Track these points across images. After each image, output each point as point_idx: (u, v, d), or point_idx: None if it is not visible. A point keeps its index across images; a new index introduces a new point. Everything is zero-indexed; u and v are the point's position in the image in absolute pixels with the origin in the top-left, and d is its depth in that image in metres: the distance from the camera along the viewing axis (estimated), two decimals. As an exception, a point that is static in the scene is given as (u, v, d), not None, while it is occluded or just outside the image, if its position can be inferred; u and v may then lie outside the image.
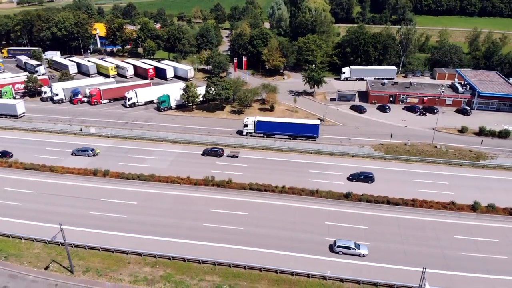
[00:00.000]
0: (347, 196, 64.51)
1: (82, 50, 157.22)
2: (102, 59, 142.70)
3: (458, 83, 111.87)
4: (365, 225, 59.72)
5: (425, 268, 42.51)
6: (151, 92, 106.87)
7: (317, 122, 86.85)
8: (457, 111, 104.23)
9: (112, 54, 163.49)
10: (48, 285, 49.84)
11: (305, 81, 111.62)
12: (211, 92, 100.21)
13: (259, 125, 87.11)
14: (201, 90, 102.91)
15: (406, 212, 62.80)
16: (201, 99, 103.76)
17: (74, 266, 51.74)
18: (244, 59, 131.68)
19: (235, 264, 52.03)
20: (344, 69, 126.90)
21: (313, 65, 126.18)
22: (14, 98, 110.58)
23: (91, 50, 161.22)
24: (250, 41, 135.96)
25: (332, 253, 53.95)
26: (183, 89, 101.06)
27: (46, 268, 52.27)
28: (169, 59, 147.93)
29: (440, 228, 59.63)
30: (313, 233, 57.76)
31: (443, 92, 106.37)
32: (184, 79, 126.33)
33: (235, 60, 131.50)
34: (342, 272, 50.72)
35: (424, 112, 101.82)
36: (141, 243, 56.18)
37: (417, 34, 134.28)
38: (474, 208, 62.43)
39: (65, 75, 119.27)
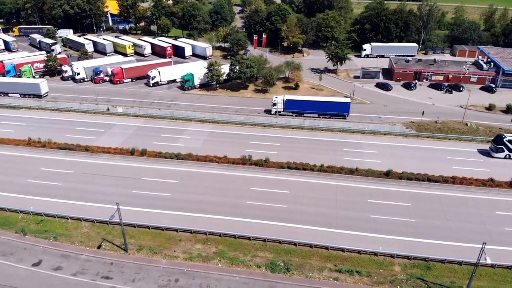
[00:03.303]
0: (388, 174, 64.85)
1: (94, 28, 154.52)
2: (117, 37, 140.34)
3: (481, 60, 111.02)
4: (408, 203, 60.33)
5: (485, 243, 43.03)
6: (174, 70, 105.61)
7: (348, 100, 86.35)
8: (482, 88, 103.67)
9: (124, 32, 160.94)
10: (103, 263, 50.37)
11: (328, 58, 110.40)
12: (235, 70, 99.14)
13: (288, 104, 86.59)
14: (224, 69, 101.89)
15: (446, 189, 63.25)
16: (225, 77, 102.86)
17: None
18: (264, 36, 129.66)
19: (286, 241, 52.63)
20: (364, 46, 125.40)
21: (333, 42, 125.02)
22: (34, 77, 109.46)
23: (104, 28, 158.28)
24: (267, 18, 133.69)
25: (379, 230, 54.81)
26: (207, 68, 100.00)
27: (99, 247, 52.76)
28: (183, 37, 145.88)
29: (481, 204, 60.24)
30: (357, 210, 58.32)
31: (467, 69, 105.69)
32: (203, 57, 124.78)
33: (255, 37, 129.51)
34: (390, 248, 51.77)
35: (450, 89, 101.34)
36: (188, 220, 56.60)
37: (440, 11, 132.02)
38: (513, 184, 63.11)
39: (84, 54, 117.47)
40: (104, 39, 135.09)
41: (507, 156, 72.56)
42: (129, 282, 47.45)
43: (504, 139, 72.13)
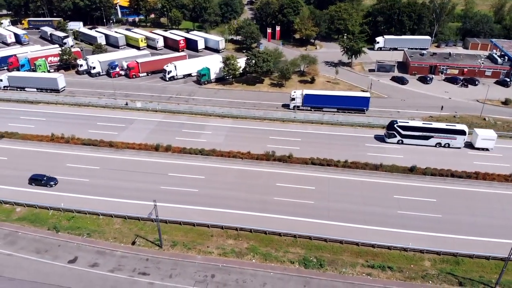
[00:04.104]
0: (412, 170, 65.62)
1: (104, 20, 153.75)
2: (128, 30, 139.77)
3: (495, 54, 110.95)
4: (433, 198, 61.16)
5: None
6: (189, 65, 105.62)
7: (367, 95, 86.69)
8: (496, 82, 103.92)
9: (134, 24, 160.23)
10: (138, 259, 51.25)
11: (343, 51, 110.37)
12: (252, 64, 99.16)
13: (307, 99, 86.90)
14: (240, 63, 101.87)
15: (469, 184, 64.12)
16: (240, 71, 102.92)
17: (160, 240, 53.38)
18: (278, 28, 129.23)
19: (316, 237, 53.56)
20: (377, 39, 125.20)
21: (348, 35, 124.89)
22: (49, 71, 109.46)
23: (114, 21, 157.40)
24: (279, 10, 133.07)
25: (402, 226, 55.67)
26: (224, 62, 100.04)
27: (133, 243, 53.60)
28: (194, 29, 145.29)
29: (505, 199, 61.11)
30: (384, 206, 59.15)
31: (482, 63, 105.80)
32: (215, 50, 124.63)
33: (269, 30, 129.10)
34: (419, 244, 52.69)
35: (465, 83, 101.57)
36: (217, 216, 57.41)
37: (450, 3, 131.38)
38: (535, 180, 63.85)
39: (99, 48, 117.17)
40: (115, 32, 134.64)
41: (400, 141, 75.14)
42: (166, 278, 48.43)
43: (395, 125, 74.65)
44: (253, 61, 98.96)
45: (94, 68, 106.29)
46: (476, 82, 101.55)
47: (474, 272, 49.65)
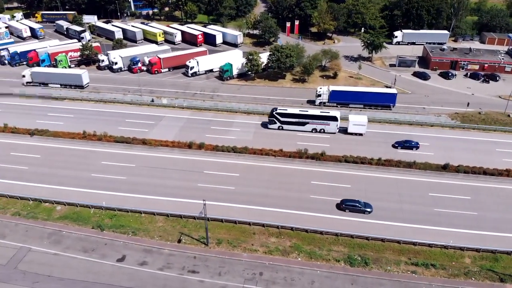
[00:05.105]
0: (445, 168, 66.51)
1: (118, 14, 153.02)
2: (144, 23, 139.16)
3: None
4: (467, 196, 62.11)
5: None
6: (211, 60, 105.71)
7: (394, 91, 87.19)
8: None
9: (148, 17, 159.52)
10: (186, 257, 52.32)
11: (364, 46, 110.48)
12: (274, 60, 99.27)
13: (333, 95, 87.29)
14: (263, 58, 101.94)
15: (501, 182, 65.06)
16: (263, 67, 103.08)
17: (205, 238, 54.38)
18: (296, 23, 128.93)
19: (358, 235, 54.68)
20: (396, 33, 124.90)
21: (363, 28, 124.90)
22: (70, 66, 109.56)
23: (128, 14, 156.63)
24: (297, 4, 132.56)
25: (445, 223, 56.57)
26: (247, 58, 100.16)
27: (179, 241, 54.63)
28: (209, 23, 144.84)
29: (538, 197, 62.39)
30: (421, 204, 60.10)
31: (503, 59, 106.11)
32: (233, 45, 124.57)
33: (287, 25, 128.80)
34: (457, 241, 53.69)
35: (487, 79, 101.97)
36: (255, 213, 58.42)
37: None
38: None
39: (119, 43, 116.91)
40: (132, 26, 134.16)
41: (280, 127, 79.42)
42: (215, 276, 49.55)
43: (274, 112, 79.02)
44: (276, 56, 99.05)
45: (116, 63, 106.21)
46: (497, 78, 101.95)
47: (513, 268, 51.09)
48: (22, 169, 69.07)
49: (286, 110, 79.63)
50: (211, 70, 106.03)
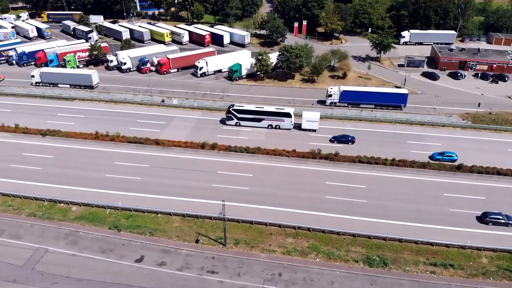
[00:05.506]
0: (459, 168, 66.62)
1: (125, 14, 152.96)
2: (153, 24, 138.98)
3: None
4: (481, 196, 62.20)
5: None
6: (220, 60, 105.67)
7: (405, 91, 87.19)
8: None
9: (154, 17, 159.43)
10: (204, 258, 52.37)
11: (372, 46, 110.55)
12: (284, 60, 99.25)
13: (344, 95, 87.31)
14: (272, 58, 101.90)
15: (515, 182, 65.50)
16: (272, 67, 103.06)
17: (222, 239, 54.41)
18: (304, 23, 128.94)
19: (375, 236, 54.75)
20: (403, 33, 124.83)
21: (370, 28, 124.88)
22: (78, 67, 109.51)
23: (134, 14, 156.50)
24: (303, 4, 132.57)
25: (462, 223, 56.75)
26: (256, 58, 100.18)
27: (197, 241, 54.72)
28: (215, 23, 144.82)
29: (552, 197, 62.49)
30: (437, 205, 60.21)
31: (511, 59, 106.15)
32: (241, 45, 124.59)
33: (295, 25, 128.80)
34: (474, 241, 53.75)
35: (495, 79, 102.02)
36: (270, 214, 58.55)
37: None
38: None
39: (128, 43, 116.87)
40: (140, 26, 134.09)
41: (237, 123, 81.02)
42: (235, 276, 49.61)
43: (231, 109, 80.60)
44: (286, 56, 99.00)
45: (125, 64, 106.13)
46: (506, 78, 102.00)
47: (531, 269, 51.20)
48: (35, 170, 69.12)
49: (243, 106, 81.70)
50: (219, 71, 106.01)
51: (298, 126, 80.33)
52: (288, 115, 79.15)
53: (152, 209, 59.46)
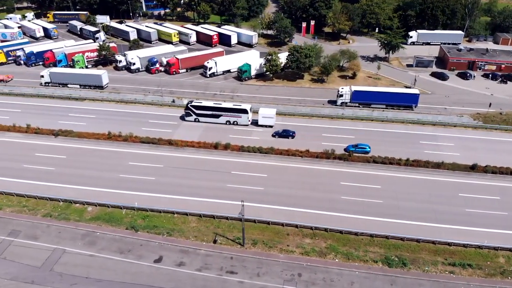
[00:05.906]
0: (473, 168, 66.74)
1: (131, 14, 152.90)
2: (160, 24, 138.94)
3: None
4: (496, 196, 62.32)
5: None
6: (229, 61, 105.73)
7: (417, 91, 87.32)
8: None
9: (160, 17, 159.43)
10: (223, 258, 52.44)
11: (381, 46, 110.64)
12: (294, 60, 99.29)
13: (356, 95, 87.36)
14: (281, 58, 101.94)
15: (530, 182, 65.59)
16: (281, 67, 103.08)
17: (240, 239, 54.49)
18: (312, 23, 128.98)
19: (393, 236, 54.82)
20: (411, 33, 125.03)
21: (377, 29, 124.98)
22: (86, 67, 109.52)
23: (141, 14, 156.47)
24: (311, 4, 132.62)
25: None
26: (266, 58, 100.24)
27: (214, 241, 54.78)
28: (221, 23, 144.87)
29: None
30: (452, 205, 60.29)
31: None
32: (248, 45, 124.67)
33: (303, 25, 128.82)
34: (491, 241, 53.80)
35: (504, 79, 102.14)
36: (286, 214, 58.56)
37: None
38: None
39: (136, 43, 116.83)
40: (147, 26, 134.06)
41: (196, 119, 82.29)
42: (254, 277, 49.65)
43: (189, 105, 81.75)
44: (295, 56, 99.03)
45: (133, 64, 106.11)
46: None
47: (548, 269, 51.30)
48: (48, 170, 69.19)
49: (201, 103, 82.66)
50: (228, 71, 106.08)
51: (255, 122, 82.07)
52: (245, 111, 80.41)
53: (168, 209, 59.53)
